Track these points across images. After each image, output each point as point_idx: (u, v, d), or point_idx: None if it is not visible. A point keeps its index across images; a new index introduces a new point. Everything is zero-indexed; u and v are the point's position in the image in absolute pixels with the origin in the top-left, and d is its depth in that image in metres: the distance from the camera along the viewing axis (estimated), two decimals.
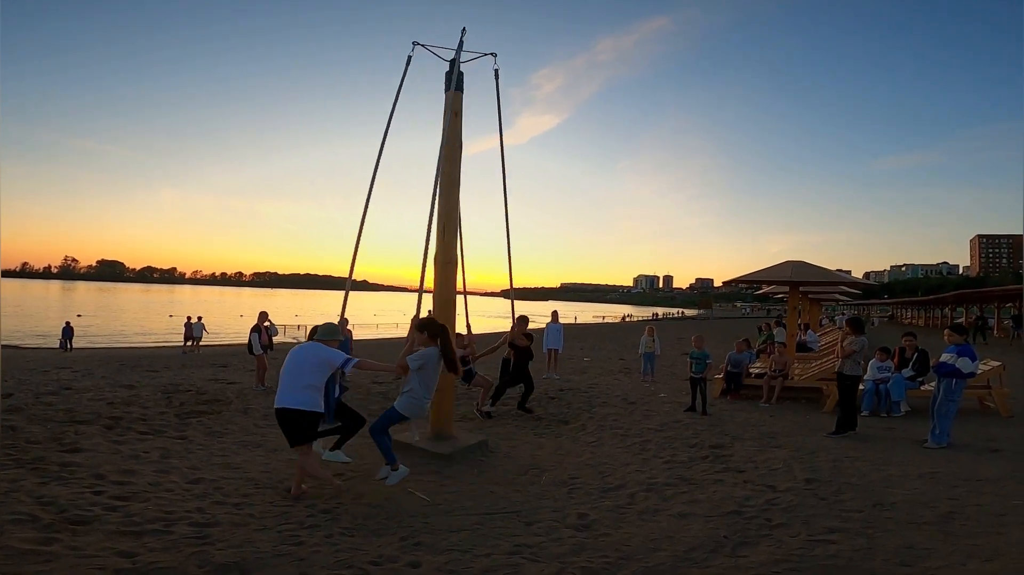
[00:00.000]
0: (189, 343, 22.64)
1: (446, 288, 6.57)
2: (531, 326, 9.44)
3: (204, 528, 3.84)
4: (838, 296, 28.03)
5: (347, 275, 7.16)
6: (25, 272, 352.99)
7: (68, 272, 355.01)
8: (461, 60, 6.59)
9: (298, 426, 4.46)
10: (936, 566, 3.33)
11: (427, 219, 6.23)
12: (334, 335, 4.87)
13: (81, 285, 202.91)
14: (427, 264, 5.98)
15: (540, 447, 6.73)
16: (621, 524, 4.14)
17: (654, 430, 7.50)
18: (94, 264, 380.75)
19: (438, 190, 6.55)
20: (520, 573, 3.30)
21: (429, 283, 6.31)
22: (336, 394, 6.12)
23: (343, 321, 6.91)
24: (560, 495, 4.93)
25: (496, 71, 6.90)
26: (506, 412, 8.78)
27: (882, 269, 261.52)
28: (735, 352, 10.79)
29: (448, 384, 6.60)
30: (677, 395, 10.35)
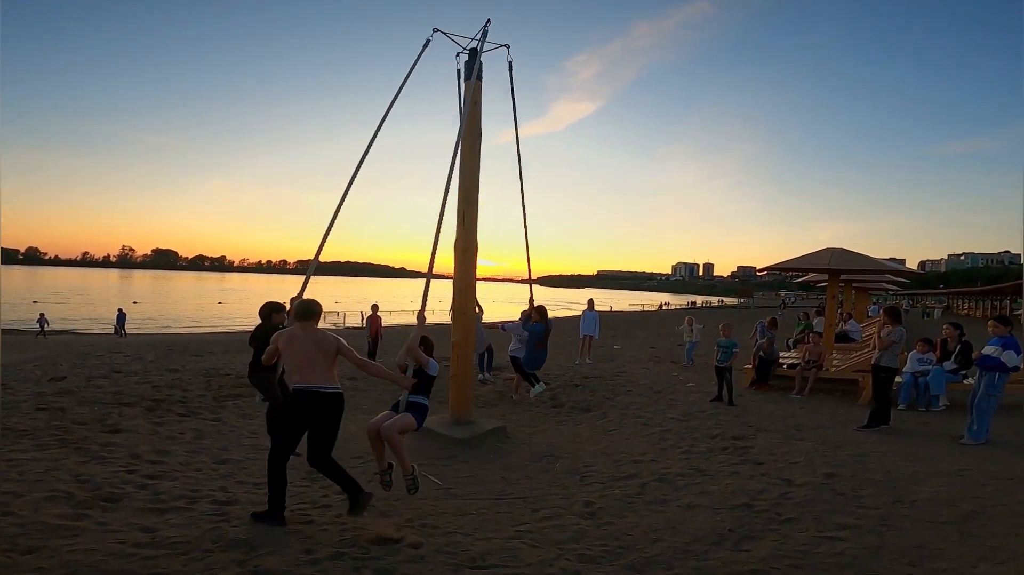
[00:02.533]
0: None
1: (466, 274, 6.65)
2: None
3: (223, 506, 4.04)
4: (886, 285, 26.91)
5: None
6: (86, 261, 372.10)
7: (126, 261, 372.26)
8: (483, 49, 6.60)
9: None
10: (944, 567, 3.22)
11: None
12: None
13: (138, 273, 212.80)
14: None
15: (559, 434, 6.77)
16: (626, 513, 4.15)
17: (676, 419, 7.42)
18: (149, 253, 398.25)
19: (457, 178, 6.61)
20: (518, 557, 3.36)
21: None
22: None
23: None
24: (571, 483, 4.96)
25: (510, 63, 6.79)
26: (529, 398, 8.84)
27: (939, 258, 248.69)
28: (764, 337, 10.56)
29: (467, 370, 6.70)
30: (705, 385, 10.18)
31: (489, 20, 6.54)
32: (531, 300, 8.02)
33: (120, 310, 25.93)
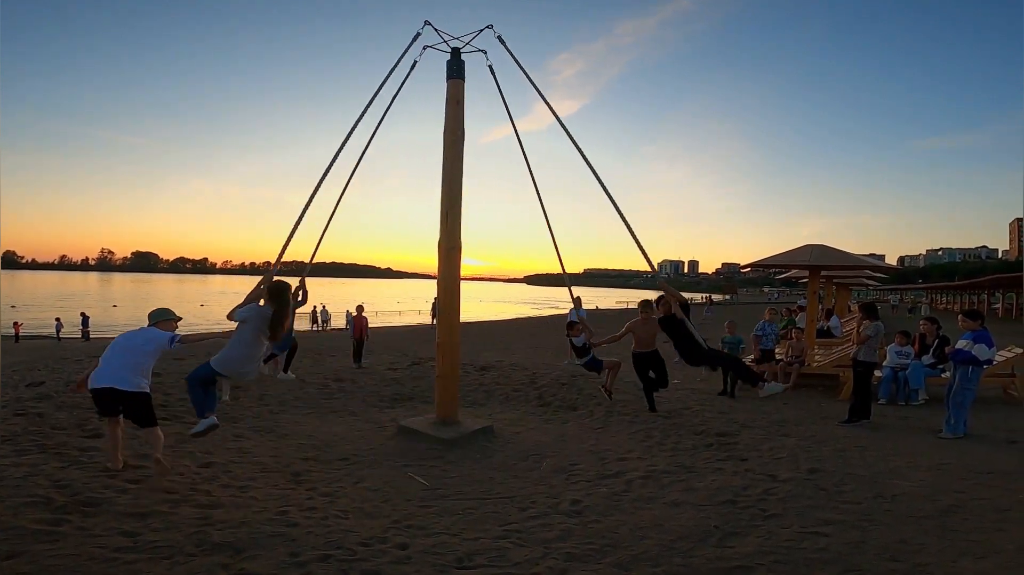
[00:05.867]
0: (316, 326, 29.35)
1: (451, 273, 6.63)
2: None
3: (207, 510, 3.99)
4: (866, 281, 27.31)
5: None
6: (64, 265, 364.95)
7: (105, 264, 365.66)
8: (461, 46, 6.58)
9: (145, 408, 4.79)
10: (926, 562, 3.28)
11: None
12: (168, 317, 5.14)
13: (117, 276, 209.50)
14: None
15: (545, 433, 6.78)
16: (613, 511, 4.17)
17: (662, 417, 7.47)
18: (129, 256, 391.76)
19: (441, 177, 6.60)
20: (505, 557, 3.36)
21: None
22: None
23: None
24: (558, 482, 4.97)
25: (499, 37, 6.49)
26: (517, 397, 8.85)
27: (918, 253, 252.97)
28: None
29: (453, 369, 6.69)
30: (691, 381, 10.28)
31: (491, 25, 6.44)
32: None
33: (83, 313, 26.10)
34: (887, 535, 3.67)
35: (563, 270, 7.79)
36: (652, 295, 8.42)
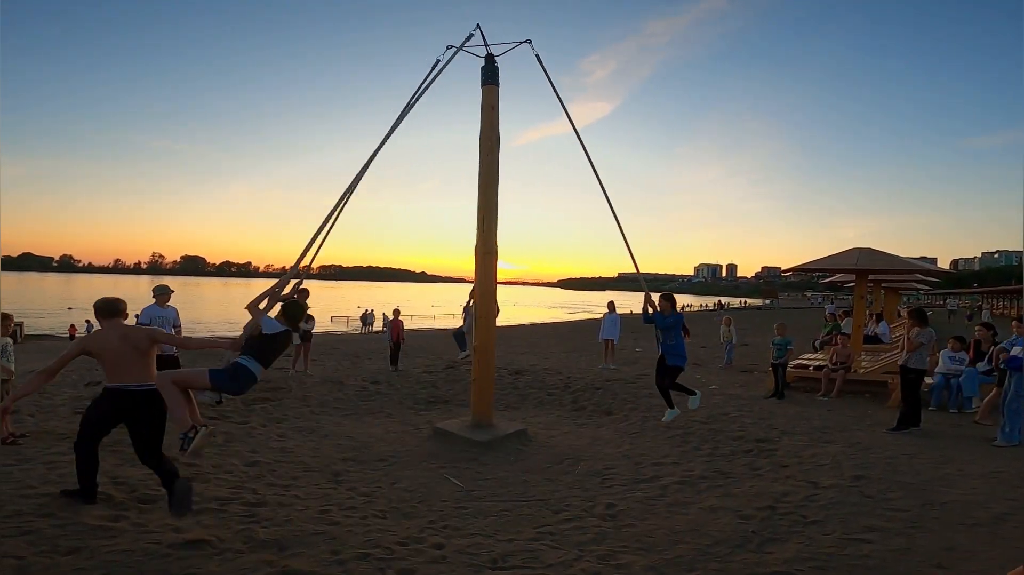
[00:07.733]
0: (365, 328, 32.44)
1: (487, 278, 6.71)
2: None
3: (253, 507, 4.14)
4: (916, 285, 26.27)
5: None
6: (118, 268, 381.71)
7: (156, 268, 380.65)
8: (497, 54, 6.66)
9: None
10: (974, 569, 3.17)
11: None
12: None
13: (167, 279, 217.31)
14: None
15: (580, 437, 6.78)
16: (648, 516, 4.15)
17: (699, 422, 7.37)
18: (179, 259, 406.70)
19: (477, 183, 6.68)
20: (538, 558, 3.39)
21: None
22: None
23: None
24: (592, 485, 4.97)
25: (537, 56, 6.58)
26: (551, 401, 8.87)
27: (972, 256, 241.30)
28: None
29: (488, 373, 6.75)
30: (729, 387, 10.10)
31: (478, 25, 6.42)
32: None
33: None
34: (935, 543, 3.55)
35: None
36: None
